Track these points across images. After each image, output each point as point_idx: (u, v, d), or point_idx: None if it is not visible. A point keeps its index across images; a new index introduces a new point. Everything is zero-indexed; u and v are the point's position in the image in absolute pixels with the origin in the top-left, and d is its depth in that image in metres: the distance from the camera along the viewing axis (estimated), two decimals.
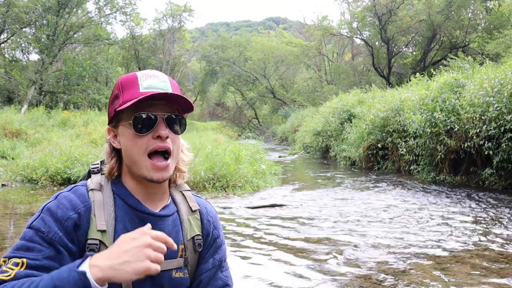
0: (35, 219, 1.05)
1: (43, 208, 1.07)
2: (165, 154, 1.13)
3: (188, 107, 1.17)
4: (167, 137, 1.11)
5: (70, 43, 25.18)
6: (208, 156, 8.66)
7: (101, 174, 1.18)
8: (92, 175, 1.18)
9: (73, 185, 1.15)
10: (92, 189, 1.12)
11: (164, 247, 0.96)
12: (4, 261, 1.00)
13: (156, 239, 0.95)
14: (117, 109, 1.12)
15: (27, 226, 1.05)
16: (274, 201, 7.12)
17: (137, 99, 1.08)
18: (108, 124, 1.19)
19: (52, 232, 1.02)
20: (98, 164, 1.21)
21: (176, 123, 1.15)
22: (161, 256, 0.95)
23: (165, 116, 1.12)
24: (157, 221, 1.14)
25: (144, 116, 1.10)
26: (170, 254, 1.14)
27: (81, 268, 0.90)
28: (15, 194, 7.50)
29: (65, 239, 1.03)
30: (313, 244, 4.52)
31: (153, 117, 1.10)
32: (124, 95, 1.12)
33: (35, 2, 22.14)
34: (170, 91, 1.13)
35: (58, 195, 1.10)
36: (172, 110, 1.14)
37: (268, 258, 4.08)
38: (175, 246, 0.99)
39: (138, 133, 1.10)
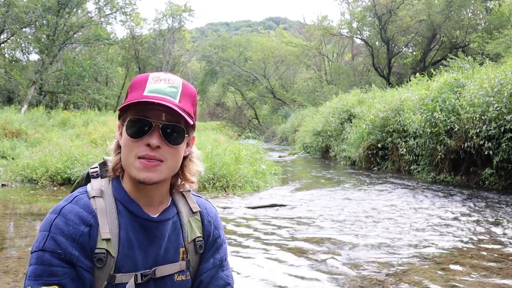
0: (45, 240, 0.99)
1: (51, 226, 1.01)
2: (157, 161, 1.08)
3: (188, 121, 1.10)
4: (158, 147, 1.05)
5: (70, 43, 25.16)
6: (208, 156, 8.65)
7: (101, 178, 1.15)
8: (92, 180, 1.14)
9: (73, 195, 1.10)
10: (93, 197, 1.09)
11: None
12: None
13: None
14: (119, 109, 1.10)
15: (37, 249, 0.99)
16: (274, 201, 7.12)
17: (129, 102, 1.05)
18: (118, 120, 1.16)
19: (68, 253, 0.99)
20: (97, 167, 1.18)
21: (174, 133, 1.08)
22: None
23: (161, 124, 1.06)
24: (157, 226, 1.13)
25: (138, 121, 1.06)
26: (171, 258, 1.14)
27: None
28: (15, 194, 7.49)
29: (82, 258, 1.01)
30: (313, 244, 4.52)
31: (147, 123, 1.05)
32: (130, 95, 1.09)
33: (35, 2, 22.10)
34: (177, 98, 1.08)
35: (61, 209, 1.04)
36: (174, 119, 1.08)
37: (268, 258, 4.08)
38: None
39: (130, 137, 1.06)
